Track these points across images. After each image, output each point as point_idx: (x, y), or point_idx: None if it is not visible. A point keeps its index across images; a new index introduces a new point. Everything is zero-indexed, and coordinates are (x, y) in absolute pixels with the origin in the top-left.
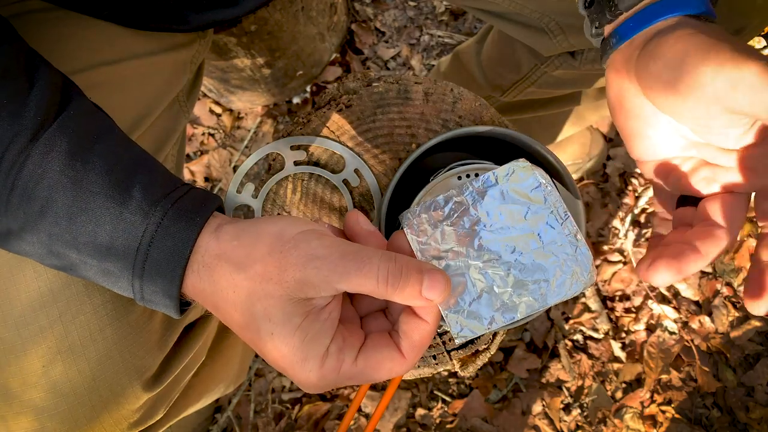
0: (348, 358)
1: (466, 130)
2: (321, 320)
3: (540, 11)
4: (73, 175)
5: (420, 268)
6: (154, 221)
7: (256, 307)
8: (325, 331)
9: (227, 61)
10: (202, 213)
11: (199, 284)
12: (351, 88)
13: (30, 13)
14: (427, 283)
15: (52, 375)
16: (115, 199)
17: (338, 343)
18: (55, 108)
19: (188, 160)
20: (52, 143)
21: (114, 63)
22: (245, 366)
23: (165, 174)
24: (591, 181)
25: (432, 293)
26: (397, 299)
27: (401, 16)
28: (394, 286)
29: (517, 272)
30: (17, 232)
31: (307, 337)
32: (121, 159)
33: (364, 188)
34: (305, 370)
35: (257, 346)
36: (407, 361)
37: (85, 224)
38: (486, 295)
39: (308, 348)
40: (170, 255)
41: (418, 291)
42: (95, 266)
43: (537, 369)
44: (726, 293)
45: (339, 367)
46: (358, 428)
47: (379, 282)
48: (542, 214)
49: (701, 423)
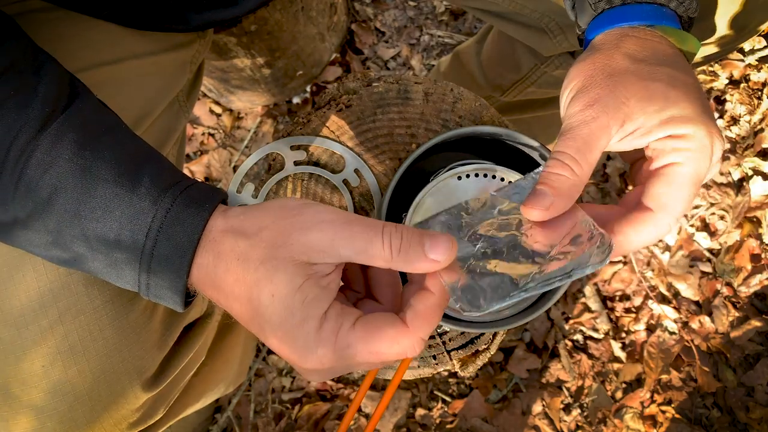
0: (347, 323)
1: (466, 130)
2: (321, 286)
3: (540, 11)
4: (82, 163)
5: (421, 232)
6: (164, 206)
7: (260, 271)
8: (325, 296)
9: (227, 61)
10: (211, 200)
11: (204, 263)
12: (351, 88)
13: (31, 12)
14: (429, 243)
15: (52, 375)
16: (124, 186)
17: (336, 309)
18: (63, 101)
19: (188, 160)
20: (60, 133)
21: (114, 63)
22: (245, 366)
23: (172, 167)
24: (591, 181)
25: (436, 253)
26: (401, 265)
27: (401, 16)
28: (397, 248)
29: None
30: (24, 220)
31: (306, 299)
32: (129, 150)
33: (364, 188)
34: (303, 332)
35: (258, 312)
36: (411, 332)
37: (93, 210)
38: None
39: (307, 309)
40: (181, 238)
41: (421, 252)
42: (102, 255)
43: (537, 369)
44: (726, 293)
45: (337, 330)
46: (358, 428)
47: (384, 246)
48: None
49: (701, 423)
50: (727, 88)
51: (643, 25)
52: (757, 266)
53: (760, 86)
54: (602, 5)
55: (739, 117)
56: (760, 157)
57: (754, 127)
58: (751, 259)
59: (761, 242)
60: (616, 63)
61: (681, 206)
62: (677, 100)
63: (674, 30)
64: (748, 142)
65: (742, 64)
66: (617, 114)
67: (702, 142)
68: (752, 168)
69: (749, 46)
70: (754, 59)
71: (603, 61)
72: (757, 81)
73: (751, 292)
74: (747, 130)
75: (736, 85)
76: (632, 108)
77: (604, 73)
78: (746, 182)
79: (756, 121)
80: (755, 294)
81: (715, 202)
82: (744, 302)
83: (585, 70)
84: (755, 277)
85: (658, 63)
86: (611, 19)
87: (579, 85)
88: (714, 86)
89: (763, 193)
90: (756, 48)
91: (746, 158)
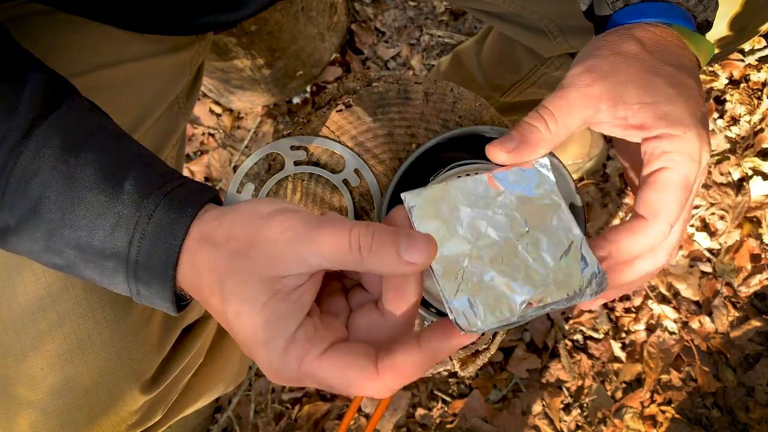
0: (314, 350)
1: (466, 130)
2: (289, 301)
3: (540, 12)
4: (66, 170)
5: (396, 231)
6: (146, 212)
7: (226, 284)
8: (292, 314)
9: (227, 61)
10: (194, 204)
11: (187, 273)
12: (351, 88)
13: (30, 15)
14: (405, 243)
15: (51, 378)
16: (107, 192)
17: (307, 331)
18: (48, 106)
19: (188, 160)
20: (44, 139)
21: (113, 65)
22: (245, 365)
23: (161, 168)
24: (591, 181)
25: (413, 255)
26: (374, 266)
27: (401, 16)
28: (367, 248)
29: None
30: (15, 228)
31: (272, 317)
32: (114, 153)
33: (364, 188)
34: (267, 352)
35: (228, 327)
36: (378, 382)
37: (79, 219)
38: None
39: (272, 329)
40: (162, 245)
41: (395, 252)
42: (92, 262)
43: (537, 369)
44: (726, 293)
45: (303, 357)
46: (358, 428)
47: (351, 246)
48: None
49: (701, 423)
50: (727, 88)
51: (661, 23)
52: (757, 266)
53: (760, 86)
54: (619, 4)
55: (739, 117)
56: (760, 157)
57: (754, 127)
58: (751, 259)
59: (761, 242)
60: (627, 46)
61: (672, 212)
62: (675, 99)
63: (689, 32)
64: (748, 142)
65: (742, 64)
66: (612, 91)
67: (691, 146)
68: (752, 168)
69: (749, 46)
70: (754, 59)
71: (615, 41)
72: (757, 81)
73: (751, 292)
74: (747, 130)
75: (736, 85)
76: (629, 93)
77: (612, 51)
78: (746, 182)
79: (756, 121)
80: (755, 294)
81: (715, 202)
82: (744, 302)
83: (595, 45)
84: (755, 277)
85: (666, 61)
86: (628, 16)
87: (586, 54)
88: (714, 86)
89: (763, 193)
90: (756, 48)
91: (746, 158)
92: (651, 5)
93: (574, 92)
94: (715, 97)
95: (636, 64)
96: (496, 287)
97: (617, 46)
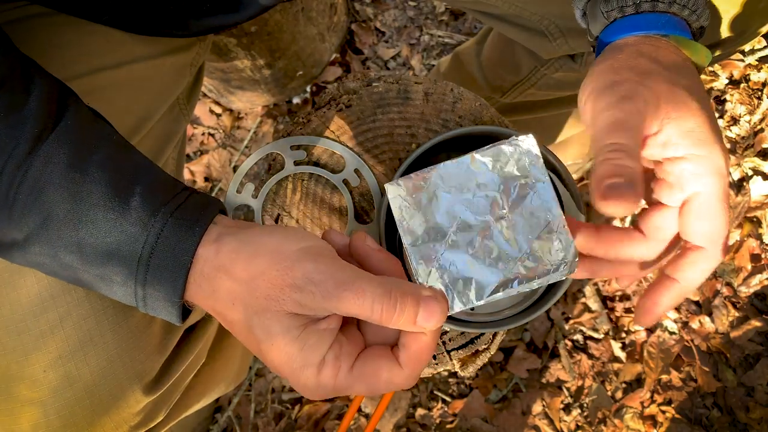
0: (344, 366)
1: (466, 129)
2: (319, 330)
3: (539, 14)
4: (72, 188)
5: (417, 298)
6: (154, 232)
7: (254, 321)
8: (323, 341)
9: (227, 62)
10: (202, 222)
11: (200, 293)
12: (351, 88)
13: (30, 18)
14: (423, 314)
15: (53, 379)
16: (114, 210)
17: (335, 351)
18: (52, 118)
19: (188, 160)
20: (50, 155)
21: (114, 67)
22: (245, 365)
23: (165, 180)
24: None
25: (428, 323)
26: (389, 326)
27: (401, 16)
28: (389, 318)
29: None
30: (22, 243)
31: (305, 346)
32: (119, 168)
33: (364, 188)
34: (303, 377)
35: (259, 354)
36: (405, 372)
37: (86, 238)
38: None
39: (306, 356)
40: (171, 265)
41: (412, 321)
42: (100, 279)
43: (537, 369)
44: (726, 293)
45: (336, 374)
46: (358, 428)
47: (373, 313)
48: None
49: (701, 423)
50: (727, 88)
51: (658, 35)
52: (757, 266)
53: (760, 86)
54: (614, 14)
55: (739, 117)
56: (760, 157)
57: (754, 127)
58: (751, 259)
59: (761, 242)
60: (642, 64)
61: (724, 232)
62: (696, 113)
63: (687, 41)
64: (748, 142)
65: (742, 64)
66: (657, 112)
67: (718, 163)
68: (752, 168)
69: (749, 46)
70: (754, 59)
71: (627, 62)
72: (757, 81)
73: (751, 292)
74: (747, 130)
75: (736, 85)
76: (664, 109)
77: (632, 72)
78: (746, 182)
79: (756, 121)
80: (755, 294)
81: None
82: (744, 302)
83: (609, 70)
84: (755, 277)
85: (680, 74)
86: (624, 28)
87: (606, 81)
88: (714, 86)
89: (763, 193)
90: (756, 48)
91: (746, 158)
92: (646, 17)
93: (632, 120)
94: (715, 97)
95: (658, 78)
96: (467, 273)
97: (634, 67)
